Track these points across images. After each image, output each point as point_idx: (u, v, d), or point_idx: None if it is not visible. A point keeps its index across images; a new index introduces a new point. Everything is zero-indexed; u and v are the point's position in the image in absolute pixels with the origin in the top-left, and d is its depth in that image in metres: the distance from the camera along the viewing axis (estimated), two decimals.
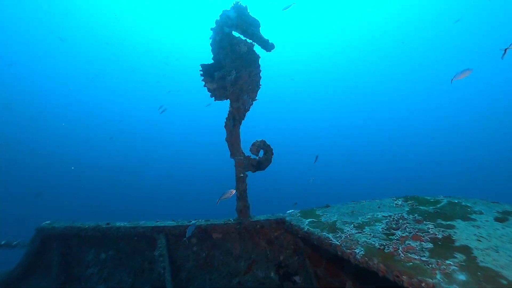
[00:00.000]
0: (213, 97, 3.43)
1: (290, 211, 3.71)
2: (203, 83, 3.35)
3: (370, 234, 2.77)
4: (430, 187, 29.38)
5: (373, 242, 2.60)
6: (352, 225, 3.04)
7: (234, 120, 3.48)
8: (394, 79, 40.15)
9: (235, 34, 3.34)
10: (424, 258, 2.21)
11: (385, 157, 36.84)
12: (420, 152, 35.83)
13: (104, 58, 37.04)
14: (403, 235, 2.66)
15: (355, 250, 2.50)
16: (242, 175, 3.54)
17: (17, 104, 33.36)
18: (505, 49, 3.63)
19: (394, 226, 2.88)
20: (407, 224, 2.89)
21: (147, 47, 37.71)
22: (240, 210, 3.62)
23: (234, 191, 3.43)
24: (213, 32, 3.26)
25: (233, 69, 3.26)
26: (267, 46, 3.32)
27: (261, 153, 3.69)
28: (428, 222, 2.88)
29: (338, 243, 2.68)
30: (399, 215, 3.13)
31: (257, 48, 3.39)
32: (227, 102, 3.51)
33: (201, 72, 3.34)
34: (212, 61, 3.42)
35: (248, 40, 3.31)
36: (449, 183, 30.32)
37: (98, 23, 33.62)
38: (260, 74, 3.41)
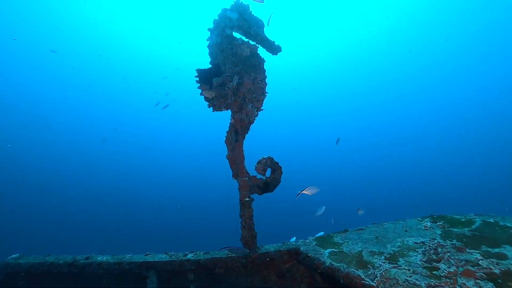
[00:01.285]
0: (211, 107, 2.94)
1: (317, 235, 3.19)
2: (200, 91, 2.85)
3: (409, 270, 2.29)
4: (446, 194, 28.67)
5: (417, 281, 2.12)
6: (383, 257, 2.56)
7: (237, 134, 2.99)
8: (393, 82, 40.11)
9: (236, 35, 2.89)
10: None
11: (389, 161, 36.37)
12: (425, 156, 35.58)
13: (98, 68, 36.27)
14: (450, 270, 2.20)
15: None
16: (247, 199, 3.01)
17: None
18: None
19: (434, 257, 2.42)
20: (448, 253, 2.44)
21: (143, 55, 37.17)
22: (246, 240, 3.07)
23: (318, 190, 2.95)
24: (211, 33, 2.80)
25: (234, 75, 2.79)
26: (273, 48, 2.88)
27: (269, 172, 3.19)
28: (472, 250, 2.44)
29: (374, 284, 2.18)
30: (435, 241, 2.68)
31: (262, 51, 2.95)
32: (227, 113, 3.03)
33: (197, 79, 2.85)
34: (209, 66, 2.95)
35: (251, 42, 2.87)
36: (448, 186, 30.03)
37: (93, 31, 33.20)
38: (266, 80, 2.95)
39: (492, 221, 2.96)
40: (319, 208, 3.64)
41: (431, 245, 2.61)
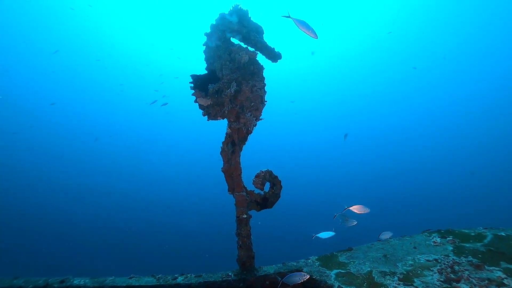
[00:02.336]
0: (206, 116, 2.74)
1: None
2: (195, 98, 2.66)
3: None
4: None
5: None
6: (396, 278, 2.34)
7: (233, 144, 2.78)
8: (393, 84, 40.36)
9: (235, 41, 2.76)
10: None
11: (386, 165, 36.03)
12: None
13: (96, 72, 35.95)
14: None
15: None
16: (244, 216, 2.76)
17: None
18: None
19: (452, 276, 2.22)
20: (467, 271, 2.25)
21: (142, 62, 37.05)
22: (243, 261, 2.79)
23: (367, 210, 2.71)
24: (208, 37, 2.66)
25: (232, 82, 2.63)
26: (273, 55, 2.76)
27: (267, 186, 2.97)
28: (492, 267, 2.26)
29: None
30: (449, 258, 2.49)
31: (261, 58, 2.82)
32: (224, 122, 2.83)
33: (192, 85, 2.67)
34: (205, 72, 2.78)
35: (250, 48, 2.74)
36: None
37: (91, 38, 33.25)
38: (265, 88, 2.80)
39: (503, 234, 2.82)
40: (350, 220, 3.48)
41: (446, 263, 2.42)
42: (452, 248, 2.69)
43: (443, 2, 32.04)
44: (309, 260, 2.95)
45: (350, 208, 3.01)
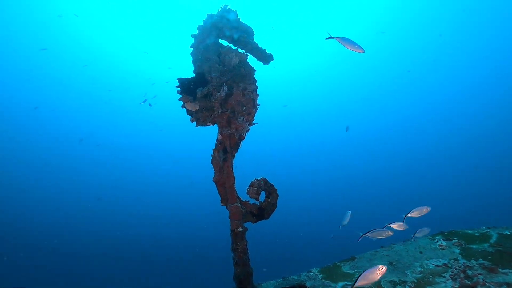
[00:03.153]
0: (195, 122, 2.55)
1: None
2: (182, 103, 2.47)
3: None
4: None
5: None
6: (407, 287, 2.17)
7: (225, 152, 2.59)
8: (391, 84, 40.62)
9: (224, 42, 2.62)
10: None
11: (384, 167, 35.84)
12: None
13: (83, 78, 34.83)
14: None
15: None
16: (240, 229, 2.54)
17: None
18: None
19: (467, 281, 2.08)
20: (481, 276, 2.12)
21: (130, 70, 36.32)
22: (240, 279, 2.55)
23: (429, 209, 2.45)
24: (195, 39, 2.51)
25: (222, 85, 2.47)
26: (264, 57, 2.64)
27: (263, 195, 2.78)
28: (506, 270, 2.14)
29: None
30: (459, 262, 2.36)
31: (251, 60, 2.69)
32: (214, 128, 2.64)
33: (178, 89, 2.48)
34: (193, 75, 2.60)
35: (240, 49, 2.61)
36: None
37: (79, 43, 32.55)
38: (257, 91, 2.65)
39: (508, 233, 2.74)
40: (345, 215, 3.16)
41: (457, 267, 2.29)
42: (459, 251, 2.57)
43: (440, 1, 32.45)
44: (311, 273, 2.74)
45: (409, 214, 2.70)
